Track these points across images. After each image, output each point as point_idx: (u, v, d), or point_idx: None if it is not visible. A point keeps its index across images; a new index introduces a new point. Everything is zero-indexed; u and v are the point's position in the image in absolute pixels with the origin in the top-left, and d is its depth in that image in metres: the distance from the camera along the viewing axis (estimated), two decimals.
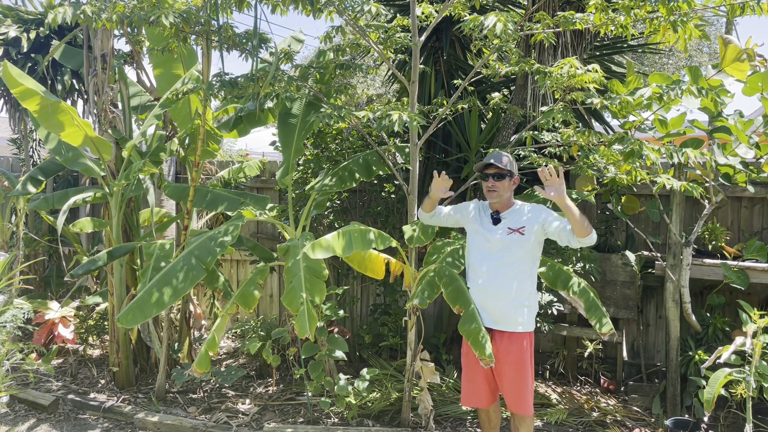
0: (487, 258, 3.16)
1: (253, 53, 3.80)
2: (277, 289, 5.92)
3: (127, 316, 3.50)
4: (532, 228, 3.08)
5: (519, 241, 3.09)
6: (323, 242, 3.26)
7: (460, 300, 3.25)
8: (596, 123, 5.26)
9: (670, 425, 3.81)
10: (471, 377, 3.26)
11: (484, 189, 3.19)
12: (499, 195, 3.14)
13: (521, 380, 3.10)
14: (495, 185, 3.12)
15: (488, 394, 3.27)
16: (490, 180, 3.13)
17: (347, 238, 3.31)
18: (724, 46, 3.90)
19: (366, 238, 3.40)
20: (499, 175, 3.12)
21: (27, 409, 4.40)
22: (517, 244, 3.09)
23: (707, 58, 15.32)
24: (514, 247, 3.10)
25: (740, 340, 3.21)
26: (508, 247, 3.10)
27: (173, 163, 6.02)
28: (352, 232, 3.37)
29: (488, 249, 3.16)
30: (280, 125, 4.37)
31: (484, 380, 3.23)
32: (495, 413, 3.39)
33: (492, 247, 3.14)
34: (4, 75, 3.93)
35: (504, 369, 3.12)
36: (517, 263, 3.11)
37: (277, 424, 4.10)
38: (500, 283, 3.11)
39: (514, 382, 3.11)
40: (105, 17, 3.50)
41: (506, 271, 3.10)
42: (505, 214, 3.18)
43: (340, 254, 3.25)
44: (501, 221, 3.16)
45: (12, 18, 5.68)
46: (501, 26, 3.02)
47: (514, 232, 3.09)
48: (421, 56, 4.91)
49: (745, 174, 4.06)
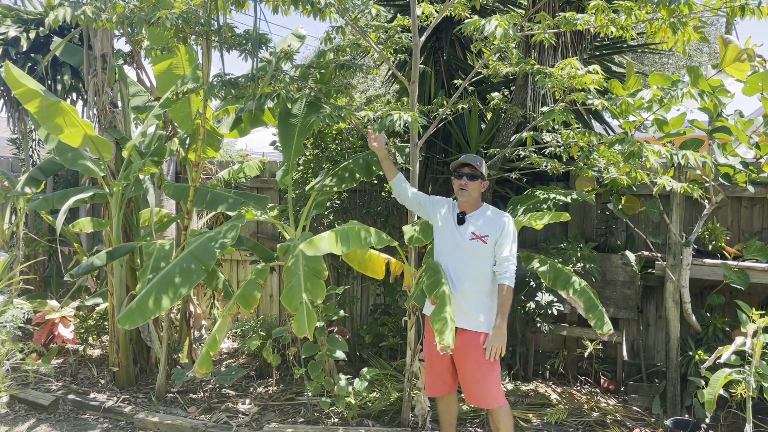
0: (452, 256, 3.31)
1: (252, 53, 3.80)
2: (277, 289, 5.92)
3: (127, 318, 3.49)
4: (493, 238, 3.23)
5: (481, 247, 3.23)
6: (319, 240, 3.27)
7: (437, 291, 3.22)
8: (596, 123, 5.26)
9: (670, 425, 3.82)
10: (436, 367, 3.39)
11: (456, 186, 3.32)
12: (468, 194, 3.28)
13: (482, 376, 3.22)
14: (467, 184, 3.27)
15: (450, 383, 3.42)
16: (463, 178, 3.29)
17: (344, 236, 3.32)
18: (724, 46, 3.90)
19: (363, 237, 3.40)
20: (472, 175, 3.28)
21: (27, 409, 4.40)
22: (479, 249, 3.23)
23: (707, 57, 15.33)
24: (476, 251, 3.24)
25: (740, 340, 3.21)
26: (471, 251, 3.24)
27: (173, 163, 6.02)
28: (349, 231, 3.38)
29: (452, 248, 3.31)
30: (280, 125, 4.37)
31: (449, 370, 3.37)
32: (455, 404, 3.56)
33: (456, 246, 3.29)
34: (6, 76, 3.93)
35: (466, 364, 3.25)
36: (479, 265, 3.24)
37: (277, 424, 4.10)
38: (462, 283, 3.24)
39: (476, 379, 3.23)
40: (105, 17, 3.50)
41: (469, 272, 3.24)
42: (470, 216, 3.31)
43: (336, 252, 3.26)
44: (465, 222, 3.30)
45: (12, 18, 5.68)
46: (501, 31, 3.03)
47: (477, 239, 3.23)
48: (422, 56, 4.91)
49: (745, 174, 4.06)
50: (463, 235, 3.26)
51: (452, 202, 3.44)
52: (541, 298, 4.57)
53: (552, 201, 3.96)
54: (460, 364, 3.28)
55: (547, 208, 3.92)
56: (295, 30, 4.73)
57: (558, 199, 3.96)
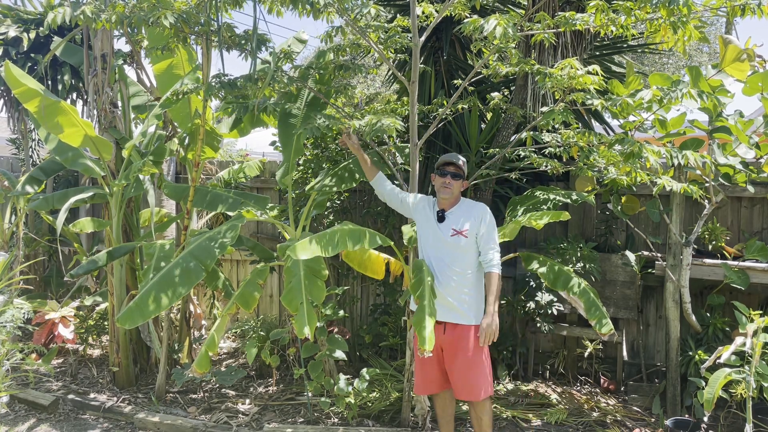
0: (435, 253, 3.34)
1: (252, 54, 3.80)
2: (277, 289, 5.92)
3: (127, 317, 3.49)
4: (473, 231, 3.29)
5: (462, 241, 3.28)
6: (304, 244, 3.19)
7: (418, 291, 3.23)
8: (596, 123, 5.26)
9: (670, 425, 3.82)
10: (424, 365, 3.41)
11: (439, 184, 3.37)
12: (451, 192, 3.34)
13: (474, 368, 3.25)
14: (451, 182, 3.34)
15: (441, 380, 3.43)
16: (447, 177, 3.34)
17: (333, 237, 3.28)
18: (724, 46, 3.90)
19: (354, 237, 3.36)
20: (456, 174, 3.35)
21: (27, 409, 4.40)
22: (461, 244, 3.28)
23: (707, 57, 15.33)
24: (458, 246, 3.29)
25: (740, 340, 3.21)
26: (453, 246, 3.29)
27: (173, 163, 6.02)
28: (342, 232, 3.34)
29: (435, 244, 3.35)
30: (280, 125, 4.37)
31: (437, 368, 3.39)
32: (451, 401, 3.56)
33: (438, 243, 3.33)
34: (6, 76, 3.93)
35: (456, 359, 3.27)
36: (463, 259, 3.29)
37: (277, 424, 4.10)
38: (447, 278, 3.28)
39: (465, 371, 3.26)
40: (104, 17, 3.50)
41: (453, 267, 3.28)
42: (449, 213, 3.37)
43: (325, 255, 3.22)
44: (445, 219, 3.35)
45: (12, 18, 5.68)
46: (501, 30, 3.03)
47: (457, 234, 3.29)
48: (421, 56, 4.91)
49: (745, 174, 4.06)
50: (444, 232, 3.31)
51: (431, 200, 3.49)
52: (541, 298, 4.57)
53: (552, 201, 3.96)
54: (450, 359, 3.30)
55: (547, 209, 3.91)
56: (297, 34, 4.73)
57: (558, 200, 3.96)
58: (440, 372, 3.40)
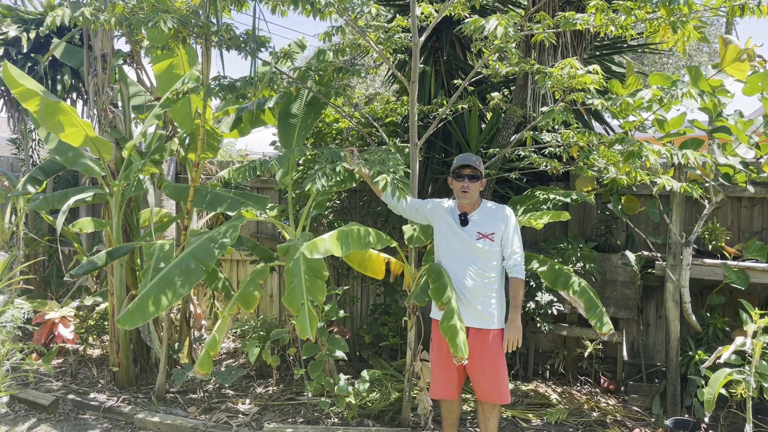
0: (459, 258, 3.29)
1: (252, 54, 3.79)
2: (277, 289, 5.92)
3: (127, 318, 3.49)
4: (499, 234, 3.25)
5: (489, 245, 3.24)
6: (320, 242, 3.26)
7: (443, 296, 3.25)
8: (596, 123, 5.26)
9: (670, 425, 3.82)
10: (444, 371, 3.38)
11: (458, 188, 3.30)
12: (470, 196, 3.27)
13: (498, 372, 3.25)
14: (469, 186, 3.26)
15: (458, 386, 3.43)
16: (465, 180, 3.27)
17: (345, 237, 3.32)
18: (724, 46, 3.90)
19: (363, 238, 3.40)
20: (473, 176, 3.27)
21: (27, 409, 4.40)
22: (487, 248, 3.24)
23: (707, 57, 15.32)
24: (484, 250, 3.24)
25: (740, 340, 3.21)
26: (479, 250, 3.24)
27: (173, 163, 6.02)
28: (350, 232, 3.37)
29: (459, 249, 3.29)
30: (280, 125, 4.37)
31: (456, 373, 3.36)
32: (459, 405, 3.58)
33: (463, 248, 3.27)
34: (4, 76, 3.93)
35: (482, 363, 3.25)
36: (488, 263, 3.25)
37: (277, 424, 4.10)
38: (473, 283, 3.24)
39: (492, 375, 3.25)
40: (104, 18, 3.49)
41: (478, 271, 3.24)
42: (472, 216, 3.30)
43: (337, 254, 3.26)
44: (469, 223, 3.29)
45: (12, 18, 5.68)
46: (502, 30, 3.03)
47: (484, 237, 3.24)
48: (421, 56, 4.91)
49: (745, 174, 4.06)
50: (469, 236, 3.25)
51: (450, 204, 3.42)
52: (541, 298, 4.57)
53: (552, 201, 3.96)
54: (475, 364, 3.26)
55: (547, 209, 3.91)
56: (297, 40, 4.74)
57: (558, 200, 3.96)
58: (460, 377, 3.39)
